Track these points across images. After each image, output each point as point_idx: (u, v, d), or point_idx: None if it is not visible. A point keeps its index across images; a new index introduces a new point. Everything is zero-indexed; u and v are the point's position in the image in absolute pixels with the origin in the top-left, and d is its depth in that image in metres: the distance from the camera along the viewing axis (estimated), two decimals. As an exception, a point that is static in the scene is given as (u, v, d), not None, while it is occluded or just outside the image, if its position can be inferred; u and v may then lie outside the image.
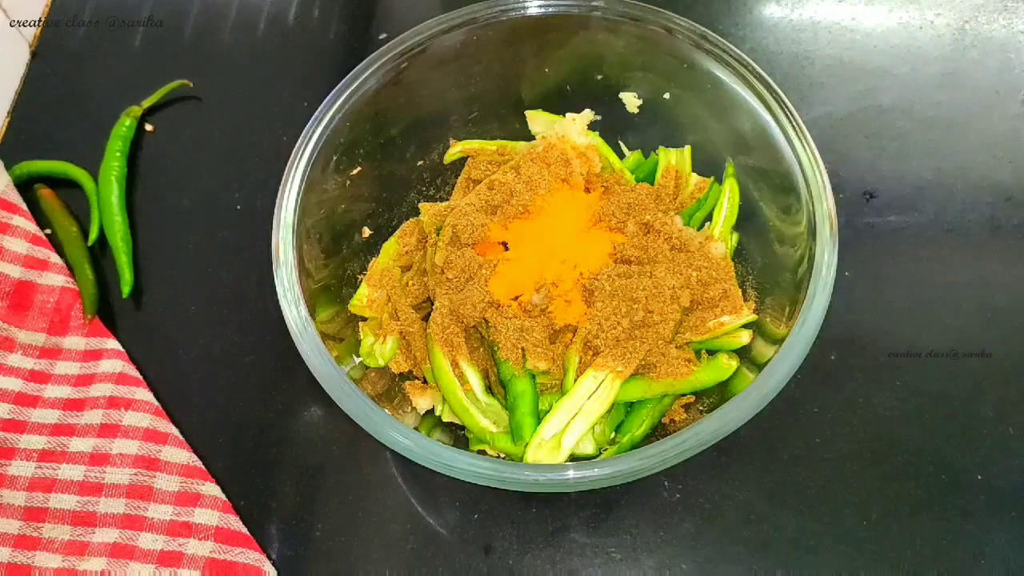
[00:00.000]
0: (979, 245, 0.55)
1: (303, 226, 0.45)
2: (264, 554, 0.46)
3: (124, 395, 0.50)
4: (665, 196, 0.51)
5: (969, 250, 0.55)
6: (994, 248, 0.54)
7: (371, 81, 0.48)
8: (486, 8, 0.50)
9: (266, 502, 0.48)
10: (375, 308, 0.49)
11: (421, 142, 0.55)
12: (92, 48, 0.64)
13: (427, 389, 0.48)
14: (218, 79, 0.63)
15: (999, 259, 0.54)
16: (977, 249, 0.55)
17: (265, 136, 0.60)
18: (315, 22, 0.65)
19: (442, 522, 0.48)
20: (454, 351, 0.46)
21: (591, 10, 0.50)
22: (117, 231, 0.55)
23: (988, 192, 0.56)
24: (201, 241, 0.57)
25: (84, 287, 0.53)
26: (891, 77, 0.61)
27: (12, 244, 0.53)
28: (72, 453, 0.48)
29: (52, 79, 0.63)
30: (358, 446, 0.50)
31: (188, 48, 0.64)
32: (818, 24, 0.64)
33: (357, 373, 0.49)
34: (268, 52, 0.64)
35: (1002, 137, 0.58)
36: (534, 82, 0.54)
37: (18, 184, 0.56)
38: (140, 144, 0.60)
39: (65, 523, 0.46)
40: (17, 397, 0.50)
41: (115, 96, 0.60)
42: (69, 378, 0.51)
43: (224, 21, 0.65)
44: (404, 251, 0.52)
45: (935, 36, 0.63)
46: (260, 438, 0.50)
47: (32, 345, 0.51)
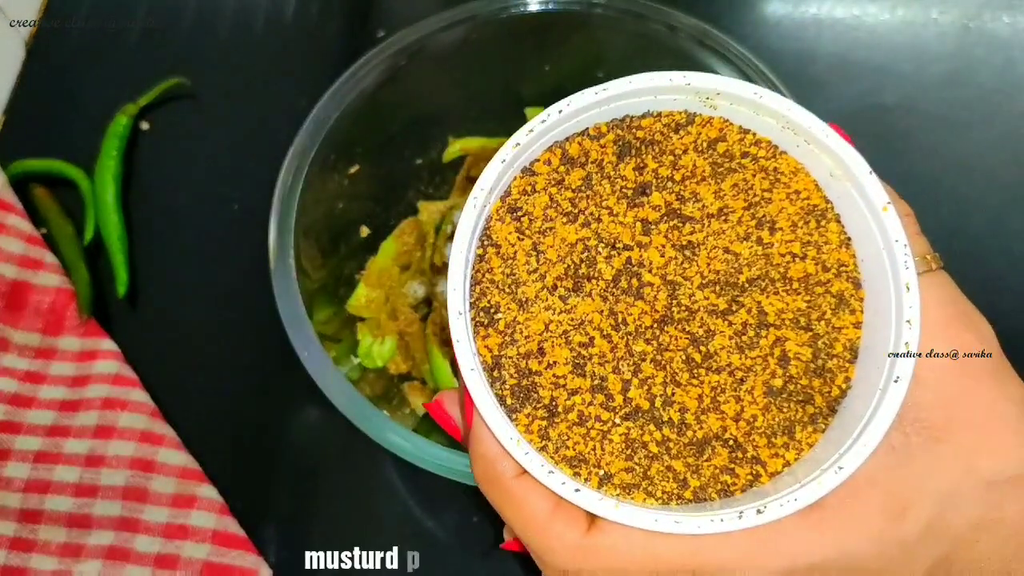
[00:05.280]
0: (983, 246, 0.54)
1: (300, 225, 0.45)
2: (261, 557, 0.46)
3: (120, 396, 0.49)
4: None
5: (972, 251, 0.54)
6: (998, 249, 0.54)
7: (369, 79, 0.48)
8: (486, 5, 0.49)
9: (263, 504, 0.48)
10: (373, 308, 0.49)
11: (420, 140, 0.54)
12: (88, 46, 0.64)
13: (426, 390, 0.48)
14: (215, 77, 0.62)
15: (1004, 260, 0.54)
16: (981, 250, 0.54)
17: (262, 134, 0.60)
18: (313, 19, 0.65)
19: (441, 525, 0.47)
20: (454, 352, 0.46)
21: (592, 7, 0.49)
22: (113, 230, 0.55)
23: (993, 192, 0.56)
24: (197, 240, 0.57)
25: (79, 287, 0.53)
26: (895, 75, 0.60)
27: (7, 244, 0.53)
28: (67, 455, 0.48)
29: (47, 77, 0.63)
30: (356, 448, 0.49)
31: (184, 46, 0.64)
32: (821, 22, 0.63)
33: (355, 374, 0.49)
34: (265, 50, 0.64)
35: (1007, 136, 0.58)
36: (534, 80, 0.53)
37: (13, 183, 0.56)
38: (136, 143, 0.60)
39: (60, 525, 0.46)
40: (12, 398, 0.49)
41: (111, 94, 0.60)
42: (64, 379, 0.50)
43: (221, 19, 0.65)
44: (403, 250, 0.51)
45: (939, 34, 0.62)
46: (257, 440, 0.50)
47: (27, 346, 0.51)
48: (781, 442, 0.25)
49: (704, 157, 0.26)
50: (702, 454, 0.24)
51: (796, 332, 0.25)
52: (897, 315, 0.24)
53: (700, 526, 0.22)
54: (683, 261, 0.25)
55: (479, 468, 0.26)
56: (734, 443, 0.25)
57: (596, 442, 0.24)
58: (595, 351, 0.25)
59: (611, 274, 0.25)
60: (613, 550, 0.24)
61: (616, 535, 0.24)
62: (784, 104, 0.25)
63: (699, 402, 0.25)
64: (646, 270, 0.25)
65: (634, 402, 0.25)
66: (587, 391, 0.25)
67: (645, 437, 0.24)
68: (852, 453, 0.23)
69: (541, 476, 0.23)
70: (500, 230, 0.26)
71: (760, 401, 0.25)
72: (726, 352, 0.25)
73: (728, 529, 0.22)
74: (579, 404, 0.24)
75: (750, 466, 0.24)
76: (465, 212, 0.25)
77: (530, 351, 0.25)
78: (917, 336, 0.23)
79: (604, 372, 0.25)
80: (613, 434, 0.24)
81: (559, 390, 0.25)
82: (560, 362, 0.25)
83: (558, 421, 0.25)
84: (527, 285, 0.25)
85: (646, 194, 0.26)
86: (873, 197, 0.25)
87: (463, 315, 0.25)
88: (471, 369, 0.24)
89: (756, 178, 0.26)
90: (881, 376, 0.24)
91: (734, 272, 0.25)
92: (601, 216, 0.26)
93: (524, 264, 0.26)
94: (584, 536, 0.24)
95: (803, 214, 0.26)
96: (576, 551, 0.24)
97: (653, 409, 0.25)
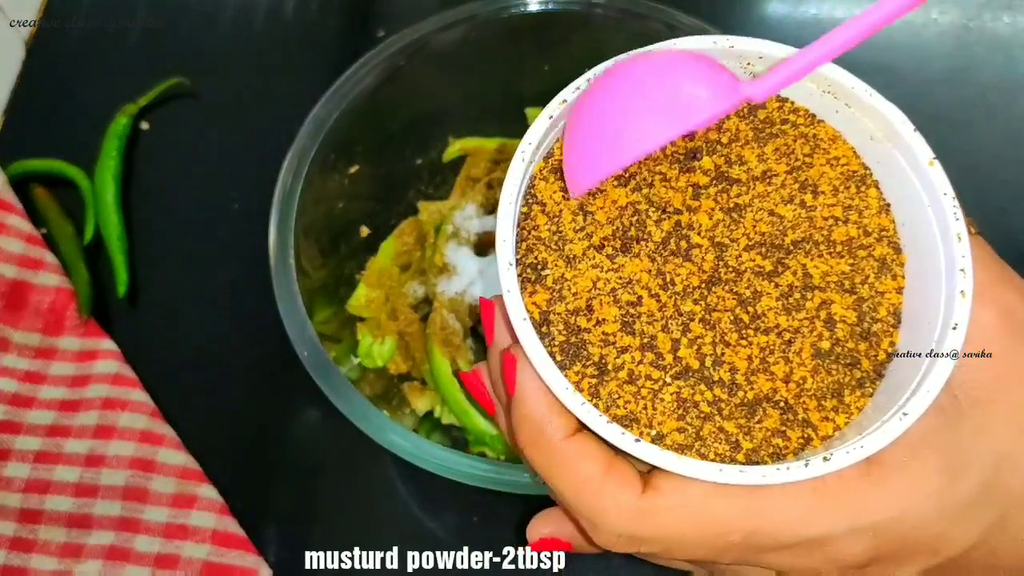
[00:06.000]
0: (984, 245, 0.54)
1: (300, 225, 0.45)
2: (261, 557, 0.46)
3: (119, 396, 0.49)
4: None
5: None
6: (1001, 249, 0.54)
7: (369, 79, 0.48)
8: (486, 5, 0.49)
9: (263, 504, 0.48)
10: (373, 308, 0.49)
11: (420, 140, 0.54)
12: (87, 46, 0.64)
13: (426, 390, 0.48)
14: (215, 76, 0.62)
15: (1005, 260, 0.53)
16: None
17: (262, 134, 0.60)
18: (313, 19, 0.65)
19: (441, 525, 0.47)
20: (454, 352, 0.46)
21: (592, 7, 0.49)
22: (113, 230, 0.55)
23: (994, 191, 0.56)
24: (197, 240, 0.57)
25: (79, 287, 0.53)
26: (895, 75, 0.60)
27: (7, 244, 0.53)
28: (67, 455, 0.48)
29: (47, 77, 0.63)
30: (356, 448, 0.49)
31: (184, 46, 0.64)
32: (821, 21, 0.63)
33: (355, 374, 0.49)
34: (265, 49, 0.64)
35: (1008, 136, 0.58)
36: (534, 79, 0.53)
37: (13, 183, 0.56)
38: (136, 142, 0.60)
39: (60, 525, 0.46)
40: (12, 398, 0.49)
41: (111, 94, 0.60)
42: (64, 379, 0.50)
43: (221, 18, 0.65)
44: (403, 250, 0.51)
45: (940, 34, 0.62)
46: (257, 440, 0.50)
47: (27, 346, 0.51)
48: (831, 405, 0.24)
49: (746, 122, 0.26)
50: (753, 415, 0.24)
51: (841, 295, 0.25)
52: (948, 266, 0.24)
53: (765, 475, 0.22)
54: (730, 224, 0.25)
55: (524, 431, 0.24)
56: (784, 405, 0.24)
57: (647, 401, 0.24)
58: (644, 309, 0.25)
59: (660, 236, 0.25)
60: (670, 511, 0.23)
61: (674, 495, 0.23)
62: (827, 66, 0.25)
63: (748, 363, 0.24)
64: (695, 232, 0.25)
65: (684, 361, 0.24)
66: (636, 349, 0.24)
67: (696, 396, 0.24)
68: (915, 400, 0.22)
69: (599, 426, 0.22)
70: (545, 189, 0.26)
71: (808, 363, 0.24)
72: (773, 313, 0.25)
73: (795, 478, 0.22)
74: (629, 362, 0.24)
75: (801, 429, 0.24)
76: (513, 165, 0.25)
77: (578, 308, 0.24)
78: (971, 283, 0.23)
79: (653, 331, 0.24)
80: (664, 393, 0.24)
81: (608, 348, 0.24)
82: (609, 320, 0.24)
83: (608, 379, 0.24)
84: (574, 243, 0.25)
85: (696, 158, 0.26)
86: (919, 153, 0.25)
87: (512, 267, 0.24)
88: (523, 319, 0.23)
89: (797, 143, 0.26)
90: (934, 333, 0.23)
91: (779, 234, 0.25)
92: (654, 181, 0.26)
93: (571, 223, 0.25)
94: (639, 498, 0.23)
95: (843, 179, 0.26)
96: (632, 513, 0.23)
97: (703, 368, 0.24)
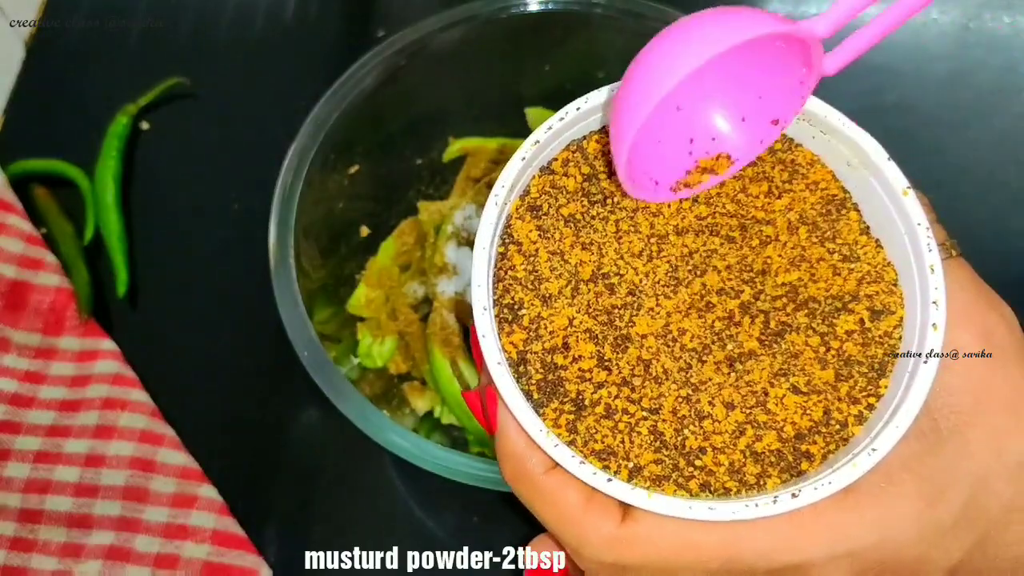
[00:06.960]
0: (983, 246, 0.54)
1: (300, 225, 0.45)
2: (261, 557, 0.46)
3: (120, 396, 0.49)
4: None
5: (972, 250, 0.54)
6: (999, 249, 0.54)
7: (369, 79, 0.48)
8: (486, 5, 0.49)
9: (263, 504, 0.48)
10: (373, 308, 0.49)
11: (420, 140, 0.54)
12: (87, 46, 0.64)
13: (426, 390, 0.48)
14: (214, 77, 0.62)
15: (1004, 260, 0.54)
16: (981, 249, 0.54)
17: (262, 134, 0.60)
18: (313, 19, 0.65)
19: (441, 525, 0.47)
20: (454, 352, 0.46)
21: (592, 7, 0.49)
22: (113, 230, 0.55)
23: (993, 191, 0.56)
24: (197, 240, 0.57)
25: (79, 287, 0.53)
26: (895, 75, 0.60)
27: (7, 244, 0.53)
28: (67, 455, 0.48)
29: (47, 77, 0.63)
30: (356, 448, 0.49)
31: (184, 46, 0.64)
32: (821, 21, 0.63)
33: (355, 374, 0.49)
34: (265, 49, 0.64)
35: (1007, 136, 0.58)
36: (534, 80, 0.53)
37: (13, 183, 0.56)
38: (136, 143, 0.60)
39: (60, 525, 0.46)
40: (12, 398, 0.49)
41: (111, 94, 0.60)
42: (64, 379, 0.50)
43: (221, 18, 0.65)
44: (403, 250, 0.51)
45: (939, 34, 0.62)
46: (257, 440, 0.50)
47: (27, 346, 0.51)
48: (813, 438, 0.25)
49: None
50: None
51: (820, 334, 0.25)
52: (923, 297, 0.24)
53: (735, 512, 0.22)
54: (706, 255, 0.26)
55: (508, 466, 0.25)
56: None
57: (624, 435, 0.24)
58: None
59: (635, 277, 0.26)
60: (649, 539, 0.23)
61: (651, 524, 0.23)
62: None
63: (728, 397, 0.25)
64: (669, 265, 0.26)
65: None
66: (613, 384, 0.25)
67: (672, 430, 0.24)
68: (885, 435, 0.22)
69: (572, 467, 0.23)
70: (521, 228, 0.26)
71: (789, 403, 0.25)
72: (750, 347, 0.25)
73: (763, 514, 0.22)
74: (605, 397, 0.24)
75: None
76: (487, 209, 0.25)
77: (555, 346, 0.25)
78: (944, 316, 0.23)
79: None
80: (641, 427, 0.24)
81: (585, 384, 0.25)
82: (585, 356, 0.25)
83: (585, 415, 0.24)
84: (550, 282, 0.25)
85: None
86: (893, 182, 0.25)
87: (488, 311, 0.25)
88: (497, 363, 0.24)
89: (775, 170, 0.26)
90: (908, 363, 0.24)
91: (761, 265, 0.26)
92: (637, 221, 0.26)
93: (546, 262, 0.26)
94: (619, 527, 0.24)
95: (823, 203, 0.26)
96: (612, 542, 0.24)
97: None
